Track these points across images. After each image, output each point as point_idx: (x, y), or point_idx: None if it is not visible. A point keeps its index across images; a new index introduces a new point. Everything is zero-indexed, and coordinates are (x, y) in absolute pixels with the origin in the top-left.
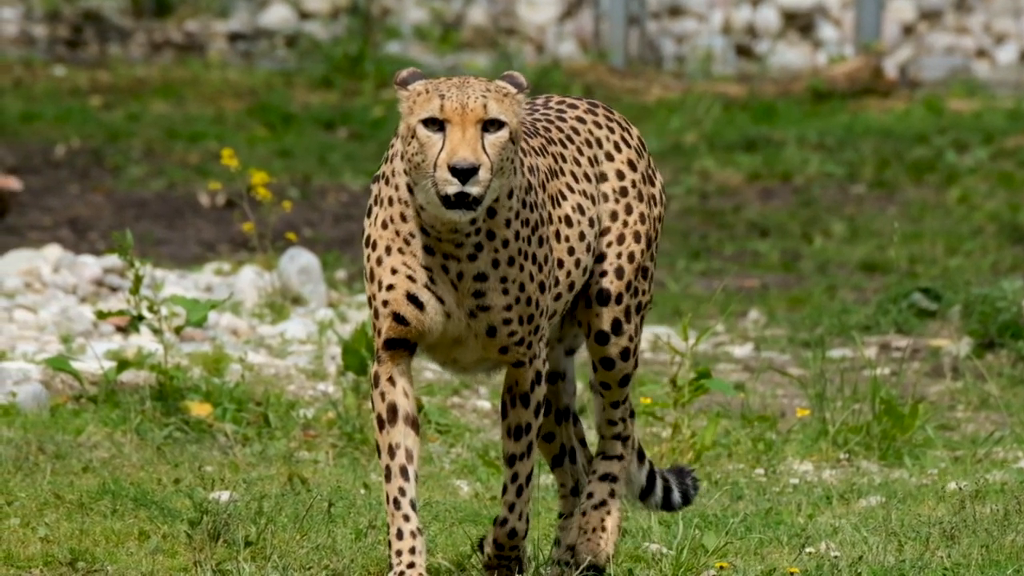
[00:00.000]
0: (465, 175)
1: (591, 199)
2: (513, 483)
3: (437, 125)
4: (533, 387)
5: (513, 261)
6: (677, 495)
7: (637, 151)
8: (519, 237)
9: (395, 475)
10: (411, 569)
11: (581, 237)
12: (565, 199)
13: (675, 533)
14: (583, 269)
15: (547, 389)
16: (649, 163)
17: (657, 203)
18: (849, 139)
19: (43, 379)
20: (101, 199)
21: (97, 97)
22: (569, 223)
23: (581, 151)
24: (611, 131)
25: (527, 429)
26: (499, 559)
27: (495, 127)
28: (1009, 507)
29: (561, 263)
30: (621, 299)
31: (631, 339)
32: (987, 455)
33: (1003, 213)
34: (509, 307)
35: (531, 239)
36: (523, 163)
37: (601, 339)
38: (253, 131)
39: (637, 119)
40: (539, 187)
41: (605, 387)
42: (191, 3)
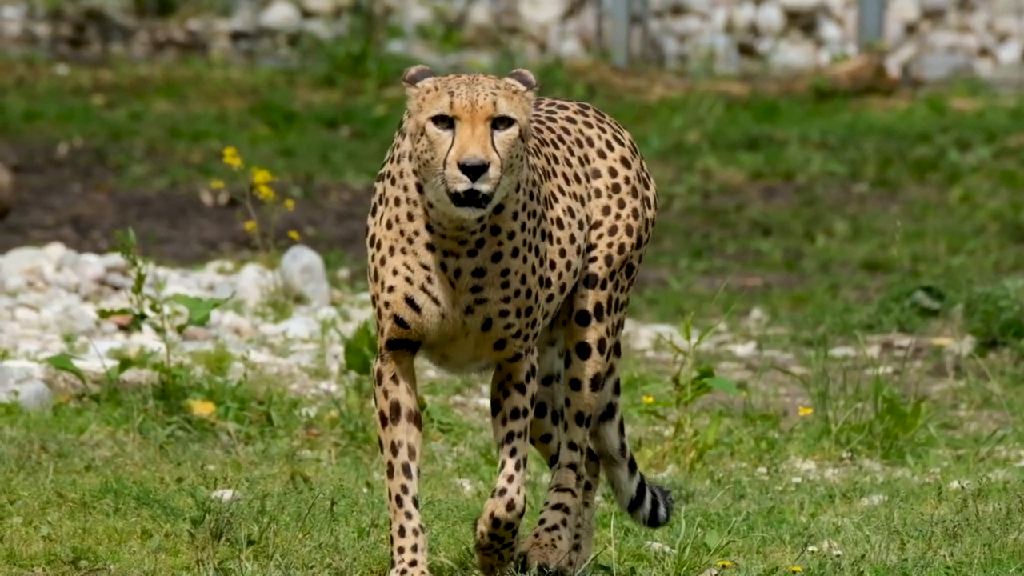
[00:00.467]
0: (475, 172)
1: (580, 200)
2: (512, 457)
3: (447, 122)
4: (528, 378)
5: (517, 252)
6: (663, 511)
7: (631, 151)
8: (525, 228)
9: (397, 472)
10: (413, 567)
11: (572, 240)
12: (556, 202)
13: (677, 532)
14: (573, 272)
15: (542, 391)
16: (642, 166)
17: (650, 206)
18: (851, 138)
19: (46, 378)
20: (104, 198)
21: (100, 96)
22: (560, 225)
23: (572, 151)
24: (603, 130)
25: (524, 413)
26: (492, 538)
27: (505, 124)
28: (1012, 506)
29: (553, 264)
30: (605, 285)
31: (608, 333)
32: (989, 454)
33: (1005, 212)
34: (507, 299)
35: (535, 231)
36: (528, 155)
37: (582, 319)
38: (255, 130)
39: (639, 118)
40: (540, 182)
41: (574, 386)
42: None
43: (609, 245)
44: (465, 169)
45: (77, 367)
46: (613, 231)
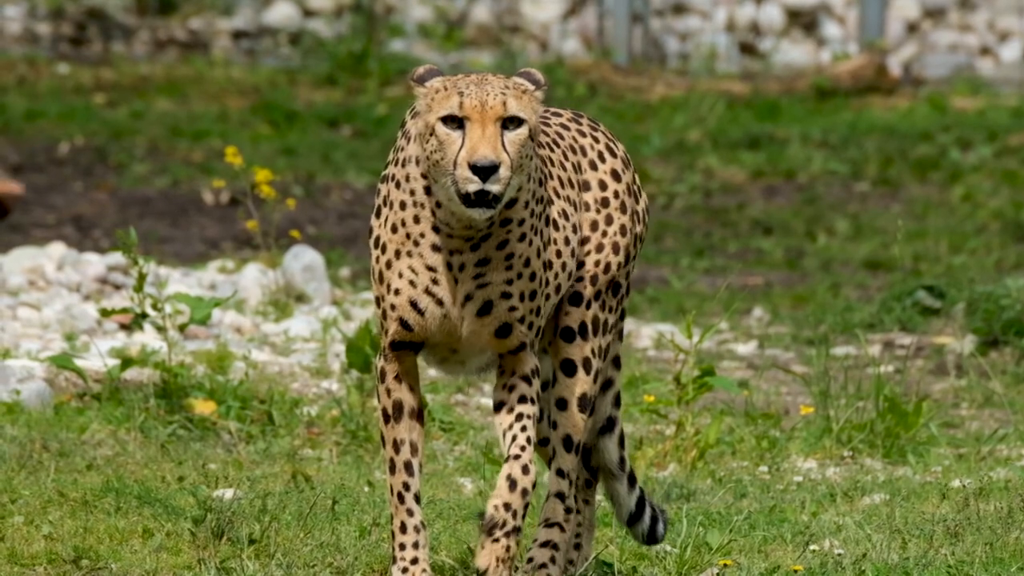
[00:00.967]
0: (486, 173)
1: (574, 205)
2: (523, 432)
3: (456, 123)
4: (534, 373)
5: (524, 237)
6: (661, 528)
7: (623, 163)
8: (533, 214)
9: (399, 470)
10: (415, 565)
11: (566, 242)
12: (552, 204)
13: (679, 531)
14: (568, 273)
15: (541, 395)
16: (635, 179)
17: (640, 220)
18: (853, 137)
19: (47, 377)
20: (105, 197)
21: (101, 95)
22: (556, 227)
23: (566, 156)
24: (596, 140)
25: (532, 400)
26: (505, 509)
27: (514, 124)
28: (1013, 504)
29: (549, 264)
30: (591, 304)
31: (594, 354)
32: (991, 452)
33: (1007, 211)
34: (510, 281)
35: (541, 216)
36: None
37: (567, 336)
38: (257, 129)
39: (641, 117)
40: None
41: (561, 406)
42: (195, 1)
43: (596, 264)
44: (476, 170)
45: (78, 366)
46: (600, 249)
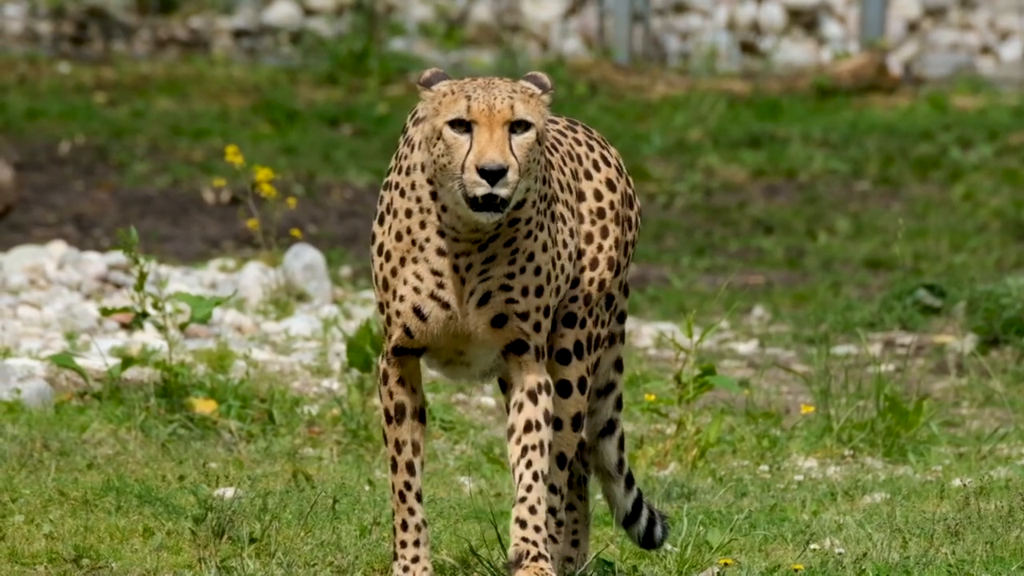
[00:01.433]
0: (494, 177)
1: (571, 211)
2: (528, 468)
3: (464, 126)
4: (540, 389)
5: (530, 234)
6: (659, 530)
7: (617, 171)
8: (539, 212)
9: (401, 469)
10: (415, 564)
11: (564, 245)
12: (556, 202)
13: (679, 530)
14: (567, 276)
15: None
16: (629, 183)
17: (632, 226)
18: (853, 136)
19: (47, 376)
20: (105, 196)
21: (101, 94)
22: (559, 227)
23: (565, 161)
24: (591, 148)
25: (537, 425)
26: (524, 541)
27: (522, 128)
28: (1013, 503)
29: (555, 262)
30: (585, 323)
31: (588, 372)
32: (991, 451)
33: (1008, 210)
34: (511, 275)
35: (546, 213)
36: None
37: (563, 358)
38: (257, 128)
39: (641, 116)
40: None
41: (556, 426)
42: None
43: (590, 282)
44: (484, 173)
45: (79, 365)
46: (594, 265)
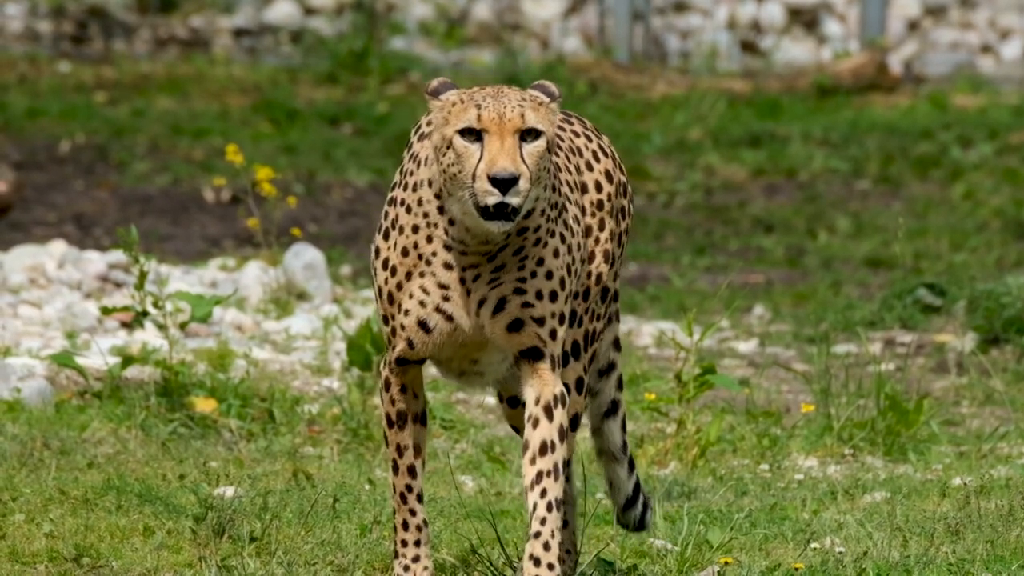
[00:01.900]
0: (505, 185)
1: (581, 209)
2: (543, 498)
3: (474, 135)
4: (556, 402)
5: (539, 241)
6: (650, 516)
7: (613, 161)
8: (549, 219)
9: (402, 472)
10: (416, 563)
11: (578, 248)
12: (566, 208)
13: (680, 529)
14: (577, 279)
15: (568, 431)
16: (622, 170)
17: (626, 215)
18: (854, 135)
19: (48, 375)
20: (106, 195)
21: (102, 93)
22: (571, 232)
23: (569, 158)
24: (589, 140)
25: (552, 447)
26: (537, 565)
27: (532, 136)
28: (1014, 502)
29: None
30: (582, 322)
31: (585, 370)
32: (992, 450)
33: (1008, 209)
34: (523, 280)
35: (557, 219)
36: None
37: (562, 360)
38: (258, 127)
39: (642, 115)
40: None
41: None
42: None
43: (588, 275)
44: (495, 182)
45: (79, 364)
46: (591, 258)
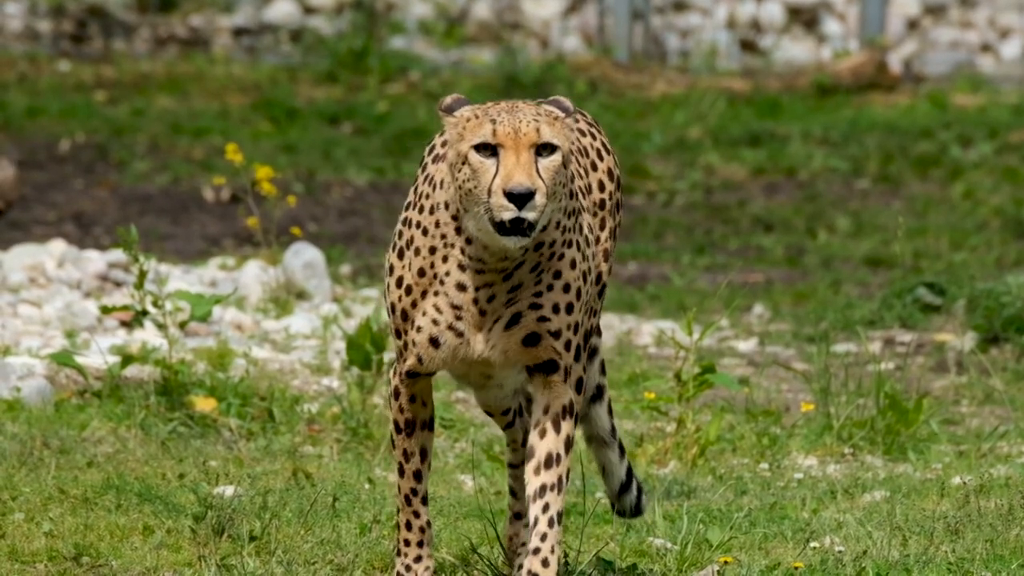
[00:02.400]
0: (521, 200)
1: (593, 215)
2: (544, 513)
3: (490, 150)
4: (566, 412)
5: (554, 254)
6: (645, 500)
7: (613, 158)
8: (565, 231)
9: (408, 476)
10: (418, 563)
11: (593, 255)
12: (581, 215)
13: (679, 528)
14: (590, 284)
15: (574, 441)
16: (617, 165)
17: (619, 208)
18: (853, 134)
19: (47, 374)
20: (105, 194)
21: (102, 92)
22: (587, 241)
23: (579, 161)
24: (593, 137)
25: (558, 460)
26: None
27: (548, 151)
28: (1013, 502)
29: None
30: (583, 321)
31: (584, 369)
32: (991, 450)
33: (1008, 208)
34: (539, 294)
35: (572, 229)
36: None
37: (572, 369)
38: (257, 126)
39: (641, 114)
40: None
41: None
42: None
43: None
44: (511, 197)
45: (79, 363)
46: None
